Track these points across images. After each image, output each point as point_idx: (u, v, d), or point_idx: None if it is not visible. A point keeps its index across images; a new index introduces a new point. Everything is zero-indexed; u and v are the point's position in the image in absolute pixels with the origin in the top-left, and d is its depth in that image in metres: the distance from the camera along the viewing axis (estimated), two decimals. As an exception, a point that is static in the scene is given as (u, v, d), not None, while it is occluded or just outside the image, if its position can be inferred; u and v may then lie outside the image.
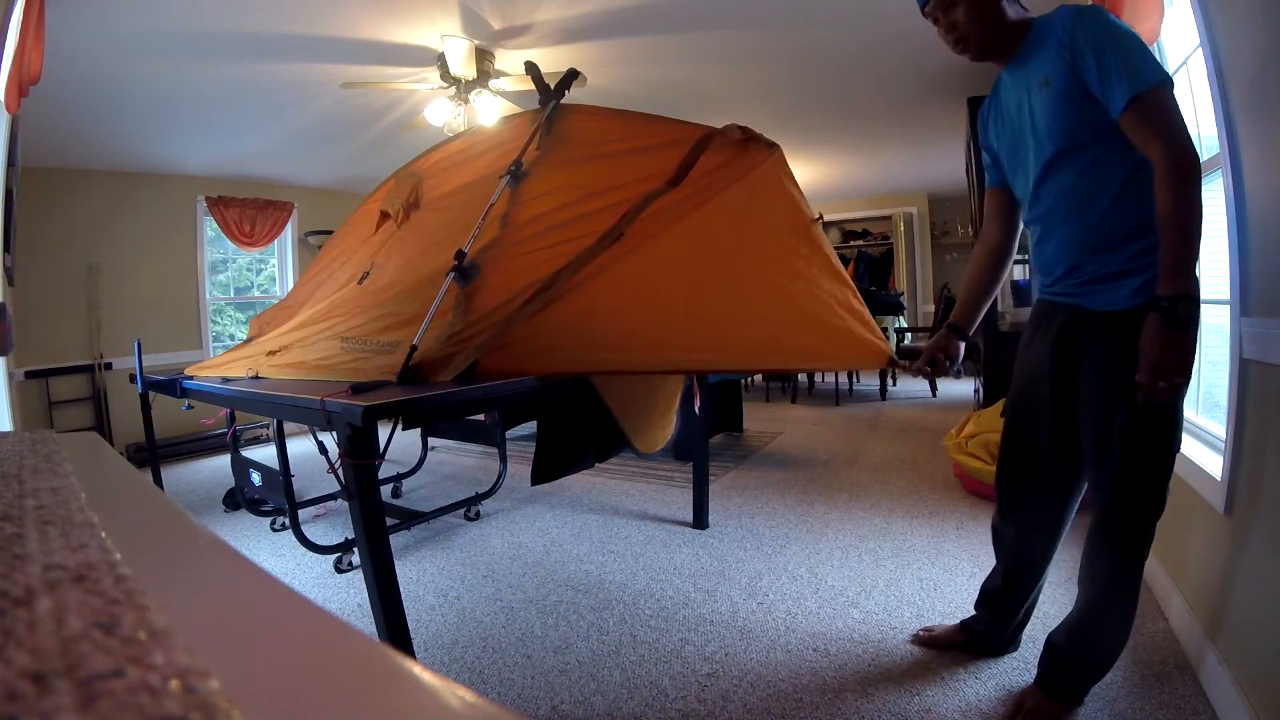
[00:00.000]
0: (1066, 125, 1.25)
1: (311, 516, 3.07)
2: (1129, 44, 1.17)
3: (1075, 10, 1.23)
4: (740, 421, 4.50)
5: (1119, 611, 1.36)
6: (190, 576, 0.35)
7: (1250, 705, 1.25)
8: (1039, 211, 1.37)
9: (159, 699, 0.18)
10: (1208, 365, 2.01)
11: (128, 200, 4.66)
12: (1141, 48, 1.17)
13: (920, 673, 1.61)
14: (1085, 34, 1.19)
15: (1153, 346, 1.14)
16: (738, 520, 2.79)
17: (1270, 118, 1.23)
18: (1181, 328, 1.11)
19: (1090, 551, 1.35)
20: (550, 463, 2.31)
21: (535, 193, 1.90)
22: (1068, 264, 1.33)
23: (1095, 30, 1.19)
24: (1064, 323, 1.36)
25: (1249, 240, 1.35)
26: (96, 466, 0.58)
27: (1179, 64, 1.96)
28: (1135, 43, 1.17)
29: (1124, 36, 1.18)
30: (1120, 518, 1.30)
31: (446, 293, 1.68)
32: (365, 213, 2.62)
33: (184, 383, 2.23)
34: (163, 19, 2.59)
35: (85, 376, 4.47)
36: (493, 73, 3.29)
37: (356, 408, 1.32)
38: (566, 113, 2.09)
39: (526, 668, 1.74)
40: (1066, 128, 1.26)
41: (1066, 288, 1.35)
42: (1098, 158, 1.25)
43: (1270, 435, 1.27)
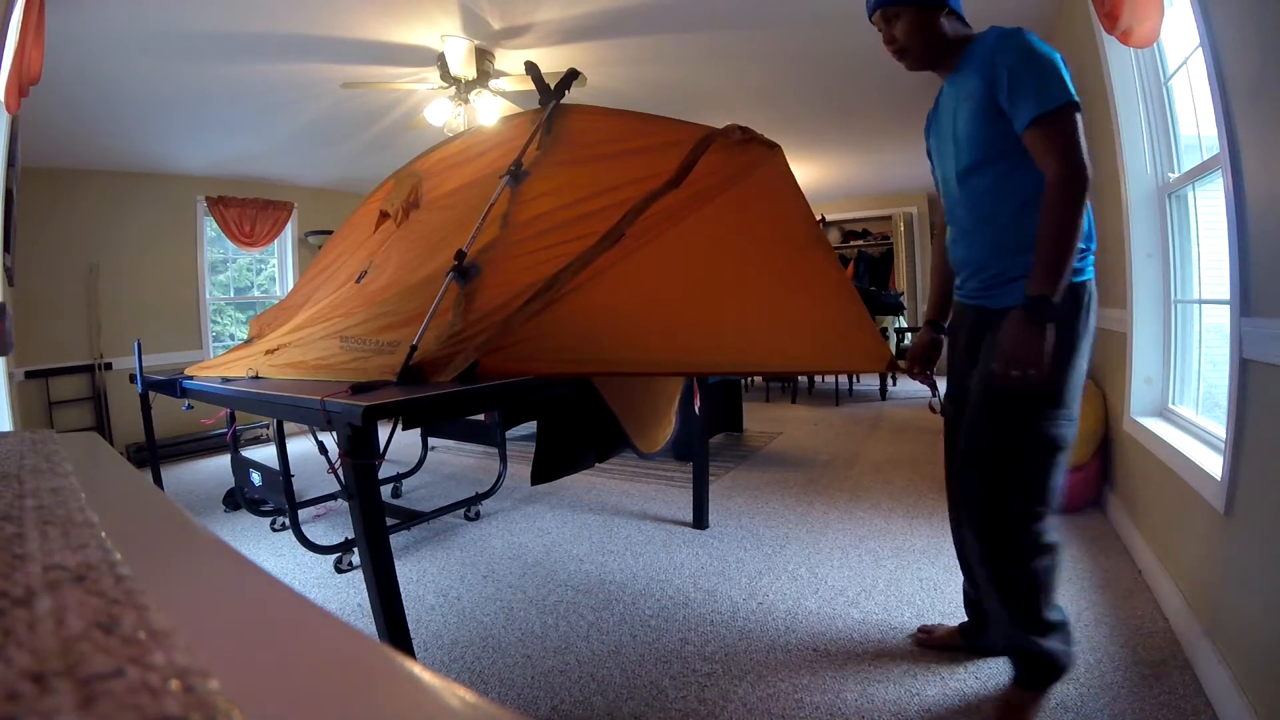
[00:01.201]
0: (982, 139, 1.34)
1: (311, 516, 3.07)
2: (1042, 66, 1.23)
3: (1000, 32, 1.31)
4: (740, 421, 4.50)
5: (996, 602, 1.41)
6: (190, 576, 0.35)
7: (1250, 704, 1.25)
8: (954, 214, 1.47)
9: (159, 699, 0.18)
10: (1208, 365, 2.01)
11: (128, 200, 4.66)
12: (1053, 71, 1.22)
13: (920, 673, 1.61)
14: (1003, 55, 1.26)
15: (1005, 337, 1.25)
16: (738, 520, 2.79)
17: (1270, 118, 1.23)
18: (1039, 325, 1.22)
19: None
20: (550, 463, 2.31)
21: (535, 193, 1.90)
22: (974, 266, 1.43)
23: (1013, 51, 1.26)
24: (973, 323, 1.47)
25: (1249, 240, 1.35)
26: (96, 466, 0.58)
27: (1179, 64, 1.97)
28: (1049, 65, 1.23)
29: (1038, 59, 1.24)
30: (969, 506, 1.41)
31: (446, 292, 1.68)
32: (365, 213, 2.62)
33: (184, 383, 2.23)
34: (163, 19, 2.59)
35: (85, 376, 4.47)
36: (493, 73, 3.29)
37: (356, 408, 1.32)
38: (567, 113, 2.09)
39: (526, 668, 1.74)
40: (982, 141, 1.34)
41: (973, 290, 1.45)
42: (1008, 170, 1.33)
43: (1270, 435, 1.27)
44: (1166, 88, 2.10)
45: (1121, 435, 2.37)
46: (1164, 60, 2.08)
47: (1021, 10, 2.89)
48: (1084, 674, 1.56)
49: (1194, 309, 2.07)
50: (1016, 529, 1.37)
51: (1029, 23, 2.99)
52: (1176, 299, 2.12)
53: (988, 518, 1.39)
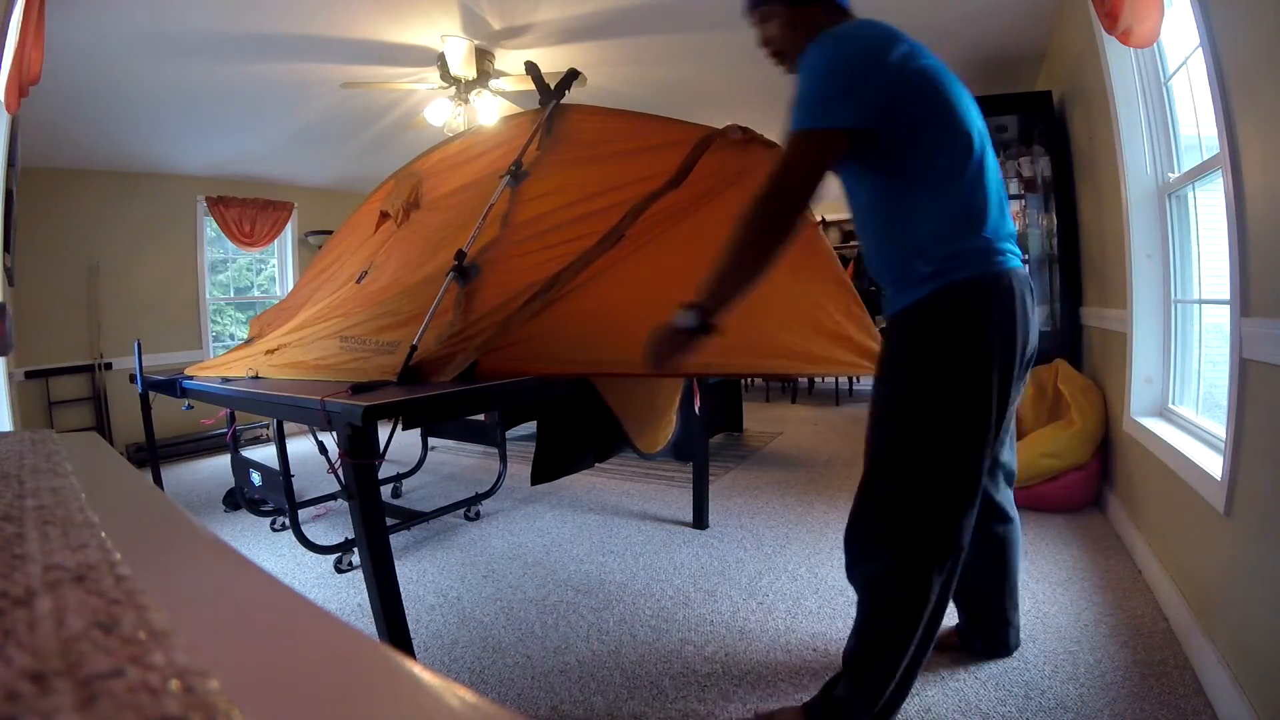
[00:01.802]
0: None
1: (311, 516, 3.07)
2: (809, 82, 1.17)
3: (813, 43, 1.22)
4: (740, 421, 4.50)
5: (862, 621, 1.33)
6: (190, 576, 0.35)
7: (1250, 705, 1.25)
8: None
9: (159, 699, 0.18)
10: (1208, 365, 2.01)
11: (128, 200, 4.65)
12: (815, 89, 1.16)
13: (920, 673, 1.60)
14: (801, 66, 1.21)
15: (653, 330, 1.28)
16: (738, 520, 2.79)
17: (1270, 118, 1.23)
18: (676, 327, 1.23)
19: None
20: (550, 463, 2.31)
21: (536, 193, 1.90)
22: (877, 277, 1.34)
23: (803, 64, 1.20)
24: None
25: (1249, 240, 1.35)
26: (96, 466, 0.58)
27: (1179, 64, 1.97)
28: (816, 82, 1.17)
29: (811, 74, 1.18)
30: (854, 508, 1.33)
31: (446, 292, 1.68)
32: (365, 213, 2.62)
33: (184, 383, 2.23)
34: (163, 19, 2.59)
35: (85, 376, 4.47)
36: (493, 73, 3.29)
37: (356, 408, 1.32)
38: (567, 113, 2.09)
39: (526, 668, 1.73)
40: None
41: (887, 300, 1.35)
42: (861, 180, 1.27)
43: (1270, 435, 1.27)
44: (1166, 88, 2.10)
45: (1121, 435, 2.37)
46: (1164, 60, 2.08)
47: (1021, 10, 2.89)
48: (1084, 674, 1.56)
49: (1194, 309, 2.07)
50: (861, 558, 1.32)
51: (1029, 22, 3.00)
52: (1176, 299, 2.12)
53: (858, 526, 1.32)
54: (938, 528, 1.23)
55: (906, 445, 1.24)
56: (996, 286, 1.19)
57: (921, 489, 1.23)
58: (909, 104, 1.17)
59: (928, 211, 1.19)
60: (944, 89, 1.20)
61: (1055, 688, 1.51)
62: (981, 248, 1.19)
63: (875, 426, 1.28)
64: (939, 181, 1.18)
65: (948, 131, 1.19)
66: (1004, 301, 1.19)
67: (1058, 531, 2.44)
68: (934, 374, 1.20)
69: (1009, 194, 3.38)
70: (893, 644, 1.27)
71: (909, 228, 1.22)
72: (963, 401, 1.19)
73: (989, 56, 3.40)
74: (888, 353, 1.28)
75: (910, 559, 1.24)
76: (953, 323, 1.19)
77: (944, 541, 1.23)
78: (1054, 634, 1.74)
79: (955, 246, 1.18)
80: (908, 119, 1.17)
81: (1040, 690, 1.51)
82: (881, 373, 1.29)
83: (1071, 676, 1.55)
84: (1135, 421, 2.17)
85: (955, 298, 1.18)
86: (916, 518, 1.23)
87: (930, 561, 1.23)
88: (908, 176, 1.20)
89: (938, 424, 1.21)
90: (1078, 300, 3.12)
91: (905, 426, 1.24)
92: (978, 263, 1.18)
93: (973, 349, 1.18)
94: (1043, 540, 2.37)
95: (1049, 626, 1.79)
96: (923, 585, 1.24)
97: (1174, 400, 2.15)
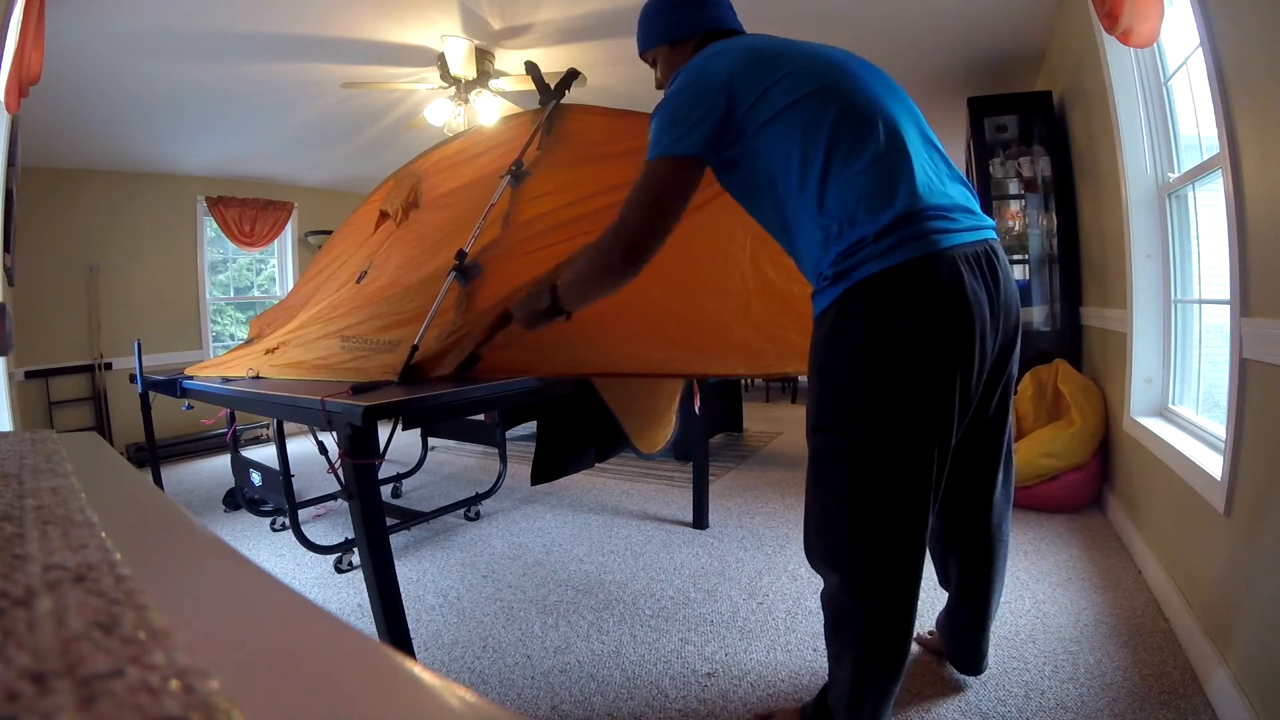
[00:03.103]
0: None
1: (311, 516, 3.07)
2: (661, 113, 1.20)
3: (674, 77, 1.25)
4: (740, 421, 4.50)
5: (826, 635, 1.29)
6: (190, 576, 0.35)
7: (1251, 706, 1.25)
8: None
9: (159, 699, 0.18)
10: (1208, 365, 2.01)
11: (128, 200, 4.65)
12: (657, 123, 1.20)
13: (920, 673, 1.60)
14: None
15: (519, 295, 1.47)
16: (738, 520, 2.79)
17: (1270, 118, 1.23)
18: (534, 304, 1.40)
19: None
20: (550, 463, 2.31)
21: (536, 192, 1.90)
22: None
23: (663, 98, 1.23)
24: None
25: (1249, 240, 1.35)
26: (96, 466, 0.58)
27: (1179, 64, 1.97)
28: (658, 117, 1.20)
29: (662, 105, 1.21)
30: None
31: (448, 292, 1.68)
32: (364, 213, 2.62)
33: (184, 383, 2.23)
34: (163, 19, 2.59)
35: (85, 376, 4.47)
36: (493, 73, 3.29)
37: (356, 408, 1.32)
38: (567, 112, 2.09)
39: (526, 668, 1.73)
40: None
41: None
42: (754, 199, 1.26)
43: (1270, 435, 1.27)
44: (1166, 88, 2.10)
45: (1121, 435, 2.37)
46: (1164, 60, 2.08)
47: (1021, 10, 2.89)
48: (1084, 674, 1.56)
49: (1194, 309, 2.07)
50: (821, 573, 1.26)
51: (1029, 22, 3.00)
52: (1176, 299, 2.12)
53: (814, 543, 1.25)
54: (881, 547, 1.15)
55: (831, 460, 1.17)
56: (908, 276, 1.05)
57: (855, 501, 1.14)
58: (757, 107, 1.14)
59: (813, 209, 1.11)
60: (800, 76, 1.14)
61: (1055, 688, 1.51)
62: (887, 231, 1.05)
63: (808, 442, 1.22)
64: (814, 174, 1.09)
65: (813, 115, 1.11)
66: (921, 291, 1.05)
67: (1058, 531, 2.44)
68: (848, 382, 1.11)
69: (1009, 194, 3.39)
70: (853, 661, 1.22)
71: (805, 232, 1.14)
72: (891, 405, 1.08)
73: (989, 57, 3.40)
74: (809, 362, 1.19)
75: (856, 579, 1.18)
76: (861, 326, 1.08)
77: (888, 561, 1.15)
78: (1054, 634, 1.74)
79: (852, 238, 1.07)
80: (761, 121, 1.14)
81: (1040, 690, 1.51)
82: (809, 382, 1.22)
83: (1071, 676, 1.55)
84: (1135, 421, 2.17)
85: (861, 298, 1.07)
86: (857, 538, 1.15)
87: (875, 582, 1.17)
88: (784, 180, 1.14)
89: (865, 434, 1.11)
90: (1078, 300, 3.12)
91: (827, 441, 1.17)
92: (884, 253, 1.05)
93: (884, 351, 1.07)
94: (1043, 540, 2.37)
95: (1049, 626, 1.79)
96: (869, 598, 1.17)
97: (1174, 400, 2.15)
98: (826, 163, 1.09)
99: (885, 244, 1.05)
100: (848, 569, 1.19)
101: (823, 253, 1.11)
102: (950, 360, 1.07)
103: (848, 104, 1.11)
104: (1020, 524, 2.51)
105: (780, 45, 1.23)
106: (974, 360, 1.10)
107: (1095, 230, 2.80)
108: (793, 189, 1.13)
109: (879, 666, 1.21)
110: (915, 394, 1.08)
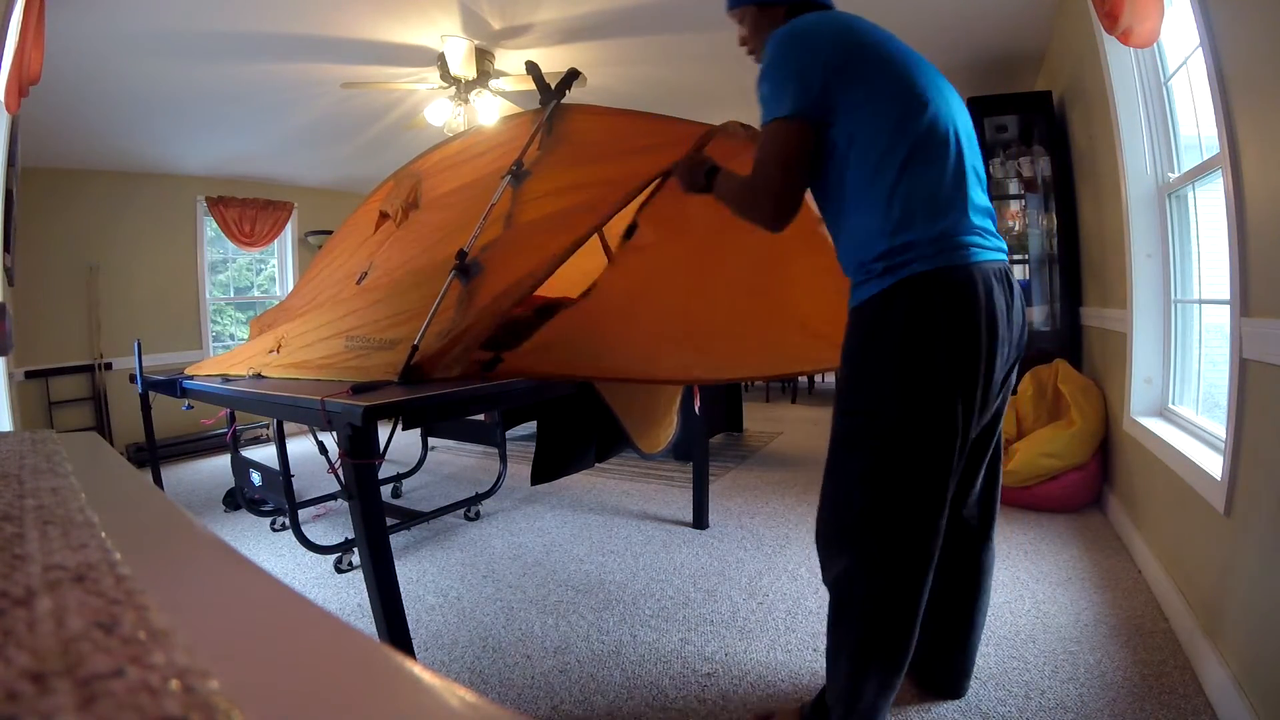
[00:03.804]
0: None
1: (311, 516, 3.07)
2: (762, 80, 1.21)
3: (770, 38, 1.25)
4: (740, 421, 4.50)
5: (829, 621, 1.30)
6: (190, 576, 0.35)
7: (1250, 704, 1.25)
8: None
9: (159, 699, 0.18)
10: (1208, 365, 2.01)
11: (128, 200, 4.65)
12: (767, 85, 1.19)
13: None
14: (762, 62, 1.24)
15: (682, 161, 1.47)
16: (738, 520, 2.79)
17: (1270, 118, 1.23)
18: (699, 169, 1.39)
19: None
20: (550, 463, 2.31)
21: (537, 192, 1.90)
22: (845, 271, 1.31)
23: (764, 58, 1.23)
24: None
25: (1249, 240, 1.35)
26: (96, 466, 0.58)
27: (1179, 64, 1.97)
28: (766, 79, 1.20)
29: (764, 70, 1.21)
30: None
31: (448, 291, 1.68)
32: (364, 213, 2.62)
33: (184, 383, 2.23)
34: (163, 19, 2.59)
35: (85, 376, 4.47)
36: (493, 73, 3.29)
37: (356, 408, 1.32)
38: (567, 112, 2.09)
39: (526, 668, 1.73)
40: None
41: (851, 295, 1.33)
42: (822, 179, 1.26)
43: (1270, 435, 1.27)
44: (1166, 88, 2.10)
45: (1121, 435, 2.37)
46: (1164, 60, 2.08)
47: (1021, 10, 2.89)
48: (1084, 674, 1.56)
49: (1194, 309, 2.07)
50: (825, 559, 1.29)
51: (1029, 22, 3.00)
52: (1176, 299, 2.12)
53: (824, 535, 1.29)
54: (897, 533, 1.19)
55: (864, 446, 1.21)
56: (959, 277, 1.14)
57: (879, 492, 1.19)
58: (851, 89, 1.16)
59: (879, 202, 1.16)
60: (899, 74, 1.18)
61: (1055, 688, 1.51)
62: (939, 239, 1.14)
63: (833, 426, 1.27)
64: (890, 171, 1.15)
65: (902, 118, 1.16)
66: (968, 292, 1.14)
67: (1058, 531, 2.44)
68: (890, 370, 1.17)
69: (1009, 194, 3.39)
70: (858, 649, 1.23)
71: (862, 220, 1.19)
72: (920, 398, 1.15)
73: (989, 56, 3.40)
74: (844, 350, 1.25)
75: (870, 564, 1.21)
76: (909, 316, 1.14)
77: (904, 546, 1.19)
78: (1054, 634, 1.74)
79: (907, 238, 1.14)
80: (851, 105, 1.16)
81: (1040, 690, 1.51)
82: (839, 371, 1.27)
83: (1071, 676, 1.55)
84: (1135, 421, 2.17)
85: (912, 290, 1.14)
86: (874, 523, 1.20)
87: (890, 567, 1.20)
88: (858, 166, 1.18)
89: (894, 423, 1.17)
90: (1078, 300, 3.12)
91: (862, 426, 1.21)
92: (935, 255, 1.13)
93: (930, 342, 1.14)
94: (1043, 540, 2.37)
95: (1049, 626, 1.79)
96: (881, 591, 1.20)
97: (1174, 400, 2.15)
98: (905, 166, 1.15)
99: (933, 249, 1.14)
100: (859, 551, 1.22)
101: (873, 244, 1.17)
102: (977, 361, 1.15)
103: (935, 119, 1.18)
104: (1020, 524, 2.51)
105: (879, 35, 1.24)
106: (995, 365, 1.19)
107: (1095, 230, 2.80)
108: (865, 176, 1.18)
109: (880, 657, 1.22)
110: (946, 387, 1.15)
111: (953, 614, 1.44)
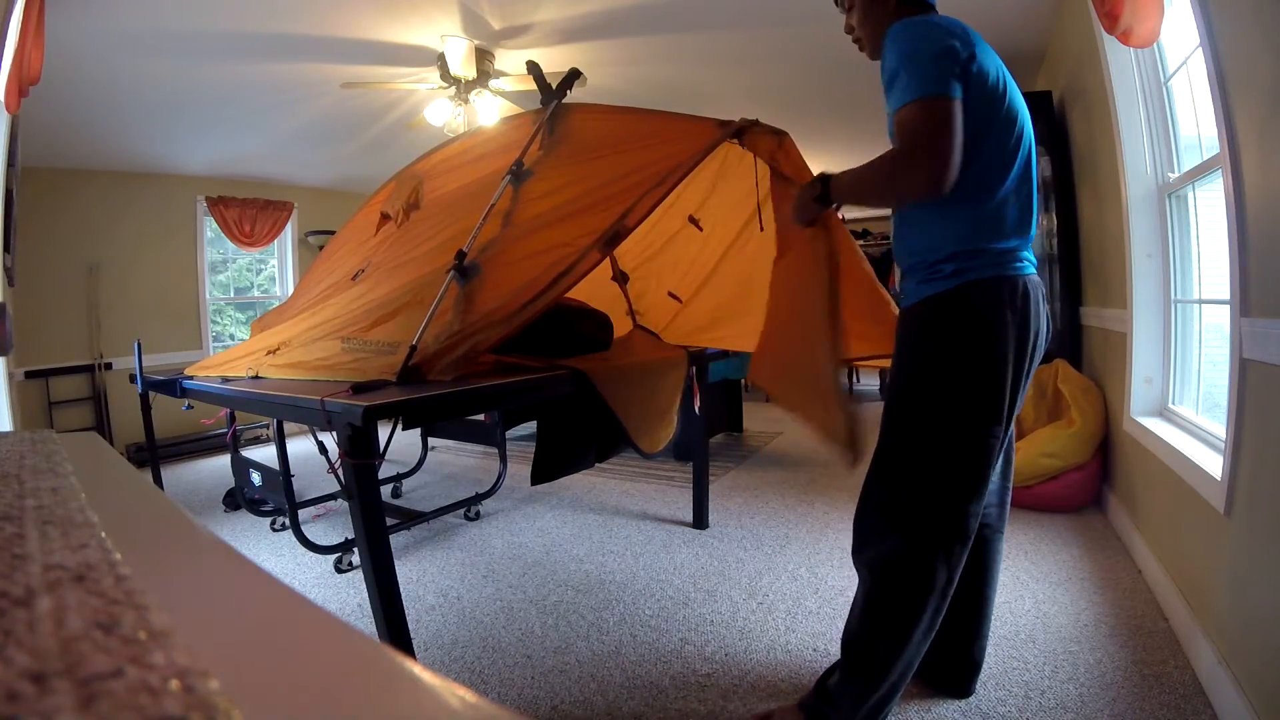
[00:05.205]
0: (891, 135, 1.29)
1: (311, 516, 3.07)
2: (907, 59, 1.19)
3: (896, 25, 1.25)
4: (740, 421, 4.50)
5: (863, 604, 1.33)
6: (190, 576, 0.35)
7: (1250, 705, 1.25)
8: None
9: (159, 699, 0.18)
10: (1208, 365, 2.01)
11: (128, 200, 4.65)
12: (917, 64, 1.16)
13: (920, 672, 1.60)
14: (888, 48, 1.24)
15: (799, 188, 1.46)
16: (738, 520, 2.79)
17: (1270, 118, 1.23)
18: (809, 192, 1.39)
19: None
20: (550, 462, 2.31)
21: (538, 192, 1.90)
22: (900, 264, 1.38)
23: (891, 44, 1.23)
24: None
25: (1249, 240, 1.35)
26: (96, 466, 0.58)
27: (1179, 64, 1.97)
28: (914, 59, 1.17)
29: (905, 53, 1.19)
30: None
31: (447, 292, 1.68)
32: (366, 215, 2.62)
33: (184, 383, 2.23)
34: (163, 19, 2.59)
35: (85, 376, 4.47)
36: (493, 73, 3.29)
37: (356, 408, 1.32)
38: (569, 112, 2.09)
39: (526, 668, 1.74)
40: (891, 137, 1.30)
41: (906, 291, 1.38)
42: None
43: (1270, 435, 1.27)
44: (1166, 88, 2.10)
45: (1121, 435, 2.37)
46: (1164, 60, 2.08)
47: (1021, 10, 2.89)
48: (1084, 674, 1.56)
49: (1194, 309, 2.07)
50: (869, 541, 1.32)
51: (1029, 22, 3.00)
52: (1176, 299, 2.12)
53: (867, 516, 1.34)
54: (946, 513, 1.25)
55: (921, 431, 1.27)
56: (1014, 286, 1.24)
57: (932, 474, 1.26)
58: (978, 103, 1.19)
59: (965, 213, 1.23)
60: (1008, 94, 1.24)
61: (1055, 688, 1.51)
62: (1004, 252, 1.24)
63: (889, 412, 1.32)
64: (984, 186, 1.21)
65: (1004, 138, 1.22)
66: (1020, 300, 1.23)
67: (1058, 531, 2.44)
68: (950, 363, 1.24)
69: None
70: (893, 630, 1.27)
71: (943, 226, 1.25)
72: (977, 390, 1.23)
73: (989, 56, 3.40)
74: (905, 342, 1.31)
75: (917, 543, 1.26)
76: (972, 315, 1.23)
77: (951, 527, 1.25)
78: (1054, 634, 1.74)
79: (981, 246, 1.23)
80: (974, 118, 1.18)
81: (1040, 690, 1.51)
82: (898, 361, 1.32)
83: (1071, 676, 1.55)
84: (1135, 421, 2.17)
85: (975, 293, 1.23)
86: (925, 503, 1.26)
87: (936, 546, 1.25)
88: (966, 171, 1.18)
89: (951, 411, 1.24)
90: (1078, 300, 3.12)
91: (920, 413, 1.27)
92: (997, 265, 1.24)
93: (989, 341, 1.22)
94: (1043, 540, 2.37)
95: (1049, 626, 1.79)
96: (927, 570, 1.25)
97: (1174, 400, 2.15)
98: (1003, 183, 1.23)
99: (998, 259, 1.24)
100: (915, 536, 1.26)
101: (946, 246, 1.24)
102: (1025, 359, 1.26)
103: (1030, 147, 1.28)
104: (1020, 524, 2.51)
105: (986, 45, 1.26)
106: (1033, 366, 1.30)
107: (1095, 230, 2.79)
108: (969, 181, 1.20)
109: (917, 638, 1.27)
110: (1001, 381, 1.23)
111: (966, 605, 1.47)
